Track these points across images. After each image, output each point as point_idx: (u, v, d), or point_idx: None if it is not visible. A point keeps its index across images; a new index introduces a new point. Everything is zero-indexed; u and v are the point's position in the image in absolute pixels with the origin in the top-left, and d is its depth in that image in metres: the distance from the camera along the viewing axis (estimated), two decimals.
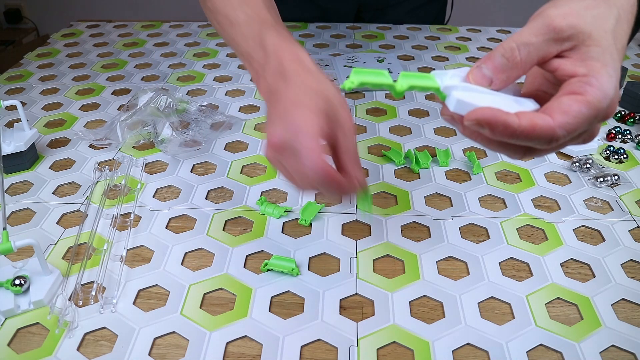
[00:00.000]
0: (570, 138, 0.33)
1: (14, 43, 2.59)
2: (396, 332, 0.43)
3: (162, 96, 0.70)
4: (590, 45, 0.32)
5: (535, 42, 0.32)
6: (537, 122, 0.31)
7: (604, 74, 0.31)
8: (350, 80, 0.33)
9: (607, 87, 0.31)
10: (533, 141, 0.31)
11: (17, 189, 0.60)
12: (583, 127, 0.31)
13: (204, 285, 0.47)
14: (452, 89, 0.33)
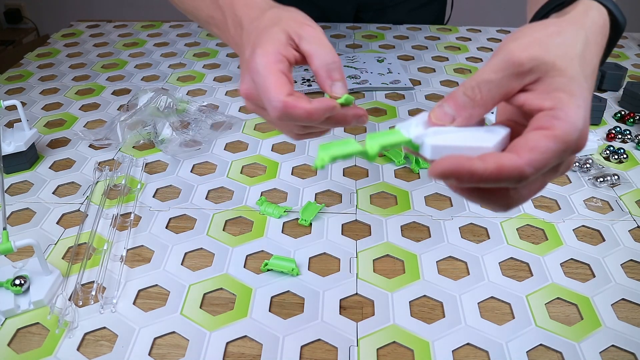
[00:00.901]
0: (543, 174, 0.32)
1: (14, 43, 2.59)
2: (396, 332, 0.43)
3: (162, 96, 0.70)
4: (555, 76, 0.30)
5: (495, 79, 0.31)
6: (504, 162, 0.29)
7: (571, 106, 0.30)
8: (320, 159, 0.32)
9: (575, 119, 0.29)
10: (502, 182, 0.30)
11: (17, 189, 0.60)
12: (553, 162, 0.30)
13: (204, 285, 0.47)
14: (423, 137, 0.32)
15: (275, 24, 0.40)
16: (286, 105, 0.36)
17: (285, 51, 0.39)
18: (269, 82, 0.37)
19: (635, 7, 2.44)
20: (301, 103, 0.36)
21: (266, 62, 0.38)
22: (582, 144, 0.30)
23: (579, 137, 0.30)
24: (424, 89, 0.83)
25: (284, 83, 0.37)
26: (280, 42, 0.39)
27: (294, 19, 0.41)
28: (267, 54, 0.38)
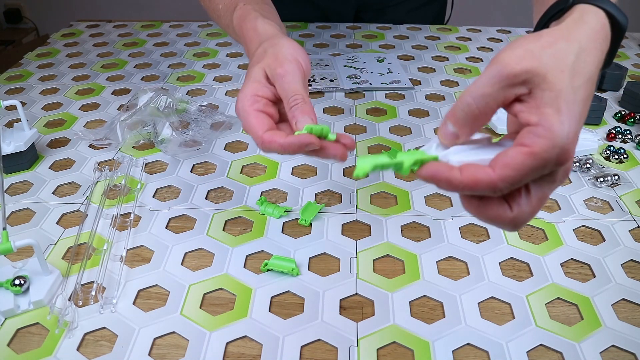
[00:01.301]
0: (541, 187, 0.33)
1: (14, 43, 2.59)
2: (396, 332, 0.43)
3: (162, 96, 0.70)
4: (545, 89, 0.31)
5: (490, 92, 0.32)
6: (478, 176, 0.31)
7: (554, 122, 0.30)
8: (360, 168, 0.35)
9: (556, 136, 0.30)
10: (477, 192, 0.32)
11: (17, 189, 0.60)
12: (528, 177, 0.31)
13: (204, 285, 0.47)
14: (448, 156, 0.34)
15: (259, 61, 0.46)
16: (263, 141, 0.41)
17: (261, 91, 0.44)
18: (249, 122, 0.42)
19: (635, 7, 2.44)
20: (276, 138, 0.41)
21: (242, 105, 0.43)
22: (563, 158, 0.31)
23: (560, 153, 0.31)
24: (424, 89, 0.83)
25: (261, 120, 0.42)
26: (258, 82, 0.44)
27: (274, 56, 0.45)
28: (244, 97, 0.43)
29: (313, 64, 0.90)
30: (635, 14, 2.46)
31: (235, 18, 0.54)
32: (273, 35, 0.48)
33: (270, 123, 0.43)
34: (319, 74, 0.86)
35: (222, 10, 0.58)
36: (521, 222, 0.33)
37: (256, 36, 0.50)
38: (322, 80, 0.84)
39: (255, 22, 0.51)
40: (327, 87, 0.82)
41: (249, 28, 0.51)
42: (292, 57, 0.44)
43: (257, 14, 0.52)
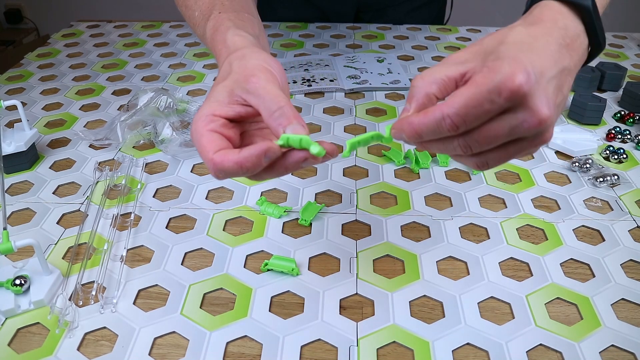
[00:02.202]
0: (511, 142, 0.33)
1: (14, 43, 2.59)
2: (396, 332, 0.43)
3: (162, 96, 0.70)
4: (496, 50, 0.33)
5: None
6: (430, 110, 0.33)
7: (497, 63, 0.32)
8: (346, 151, 0.37)
9: (498, 70, 0.31)
10: (434, 130, 0.33)
11: (17, 189, 0.60)
12: (477, 109, 0.31)
13: (204, 285, 0.47)
14: None
15: (223, 78, 0.41)
16: (214, 163, 0.36)
17: (220, 110, 0.39)
18: (201, 144, 0.37)
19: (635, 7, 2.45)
20: (228, 156, 0.35)
21: (196, 127, 0.38)
22: (516, 81, 0.31)
23: (508, 76, 0.31)
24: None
25: (212, 141, 0.37)
26: (219, 102, 0.39)
27: (241, 70, 0.40)
28: (199, 118, 0.38)
29: (313, 64, 0.90)
30: (635, 14, 2.46)
31: (209, 29, 0.49)
32: (242, 47, 0.43)
33: (223, 144, 0.37)
34: (319, 74, 0.86)
35: (197, 18, 0.53)
36: (484, 165, 0.36)
37: (225, 50, 0.45)
38: (322, 80, 0.84)
39: (226, 34, 0.46)
40: (327, 87, 0.82)
41: (219, 41, 0.46)
42: (262, 67, 0.40)
43: (230, 24, 0.47)
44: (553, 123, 0.33)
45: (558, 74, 0.33)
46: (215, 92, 0.40)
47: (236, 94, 0.39)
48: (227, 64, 0.42)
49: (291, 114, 0.37)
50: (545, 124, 0.32)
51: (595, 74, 0.81)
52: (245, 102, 0.39)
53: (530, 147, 0.34)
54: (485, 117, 0.32)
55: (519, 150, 0.34)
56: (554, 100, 0.32)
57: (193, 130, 0.38)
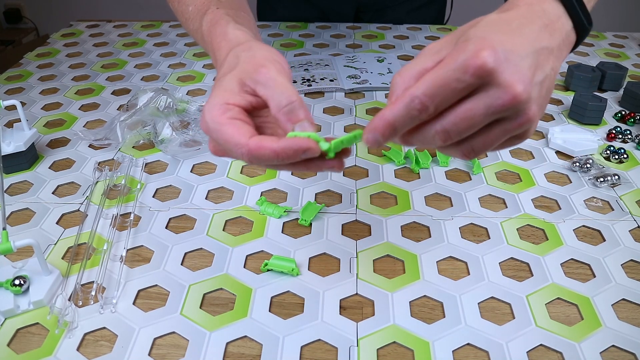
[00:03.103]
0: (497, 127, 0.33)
1: (13, 43, 2.59)
2: (396, 332, 0.43)
3: (162, 96, 0.70)
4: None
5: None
6: (401, 95, 0.33)
7: (461, 44, 0.32)
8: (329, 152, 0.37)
9: (465, 46, 0.31)
10: (405, 116, 0.32)
11: (16, 189, 0.60)
12: (445, 88, 0.31)
13: (204, 285, 0.47)
14: None
15: (230, 69, 0.40)
16: (250, 149, 0.35)
17: (234, 99, 0.38)
18: (225, 133, 0.36)
19: (635, 7, 2.45)
20: (265, 143, 0.35)
21: (212, 116, 0.37)
22: (480, 57, 0.31)
23: (473, 53, 0.31)
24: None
25: (240, 127, 0.36)
26: (230, 91, 0.39)
27: (250, 61, 0.40)
28: (212, 108, 0.38)
29: (313, 64, 0.90)
30: (635, 14, 2.46)
31: (206, 22, 0.49)
32: (245, 40, 0.43)
33: (251, 130, 0.37)
34: (319, 74, 0.86)
35: (191, 12, 0.53)
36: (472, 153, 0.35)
37: (226, 43, 0.44)
38: (322, 80, 0.84)
39: (226, 28, 0.46)
40: (327, 87, 0.82)
41: (219, 34, 0.46)
42: (271, 59, 0.40)
43: (229, 19, 0.47)
44: (531, 99, 0.32)
45: (534, 53, 0.33)
46: (225, 82, 0.39)
47: (246, 84, 0.39)
48: (233, 56, 0.41)
49: (301, 111, 0.37)
50: (521, 100, 0.31)
51: (596, 73, 0.81)
52: (254, 93, 0.39)
53: (513, 127, 0.33)
54: (454, 96, 0.32)
55: (503, 132, 0.33)
56: (529, 77, 0.32)
57: (208, 119, 0.37)
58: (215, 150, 0.40)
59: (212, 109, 0.37)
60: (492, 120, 0.33)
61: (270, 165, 0.37)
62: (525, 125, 0.33)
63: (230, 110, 0.37)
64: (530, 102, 0.32)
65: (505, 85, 0.31)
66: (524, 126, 0.33)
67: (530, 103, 0.32)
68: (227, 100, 0.38)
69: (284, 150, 0.35)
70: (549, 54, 0.34)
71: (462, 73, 0.31)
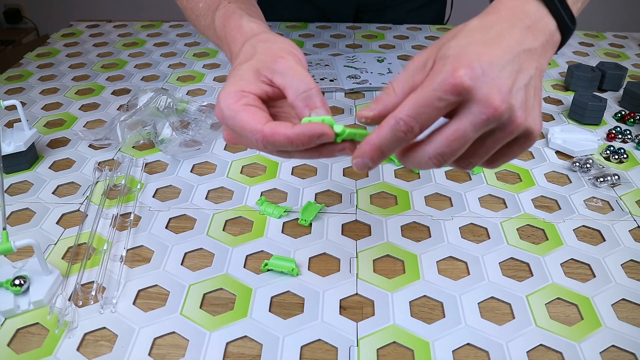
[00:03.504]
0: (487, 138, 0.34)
1: (13, 43, 2.59)
2: (396, 332, 0.43)
3: (162, 96, 0.70)
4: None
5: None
6: (389, 109, 0.34)
7: (441, 62, 0.32)
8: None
9: (443, 66, 0.32)
10: (392, 138, 0.33)
11: (17, 189, 0.60)
12: (427, 108, 0.32)
13: (204, 285, 0.47)
14: None
15: (247, 59, 0.40)
16: (264, 135, 0.36)
17: (249, 87, 0.38)
18: (241, 119, 0.37)
19: (635, 7, 2.45)
20: (279, 129, 0.35)
21: (227, 104, 0.37)
22: (456, 76, 0.31)
23: (450, 73, 0.32)
24: None
25: (255, 113, 0.37)
26: (246, 80, 0.39)
27: (267, 52, 0.40)
28: (227, 95, 0.38)
29: (313, 64, 0.90)
30: (635, 14, 2.46)
31: (218, 17, 0.50)
32: (261, 32, 0.44)
33: (266, 116, 0.37)
34: (319, 74, 0.86)
35: (202, 9, 0.54)
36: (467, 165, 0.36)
37: (240, 35, 0.45)
38: (322, 80, 0.84)
39: (241, 21, 0.46)
40: (327, 87, 0.82)
41: (233, 27, 0.46)
42: (289, 50, 0.40)
43: (242, 13, 0.48)
44: (513, 107, 0.33)
45: (515, 58, 0.33)
46: (240, 72, 0.39)
47: (262, 74, 0.39)
48: (249, 46, 0.42)
49: (318, 98, 0.38)
50: (501, 111, 0.32)
51: (596, 73, 0.81)
52: (270, 83, 0.39)
53: (505, 136, 0.34)
54: (438, 114, 0.33)
55: (495, 142, 0.34)
56: (509, 86, 0.32)
57: (223, 106, 0.37)
58: (229, 137, 0.40)
59: (227, 97, 0.38)
60: (482, 134, 0.33)
61: (283, 152, 0.38)
62: (516, 131, 0.34)
63: (246, 97, 0.38)
64: (513, 110, 0.33)
65: (484, 100, 0.32)
66: (514, 132, 0.34)
67: (513, 111, 0.33)
68: (243, 88, 0.38)
69: (298, 136, 0.35)
70: (532, 54, 0.35)
71: (442, 92, 0.32)
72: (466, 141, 0.33)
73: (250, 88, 0.38)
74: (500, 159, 0.37)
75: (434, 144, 0.34)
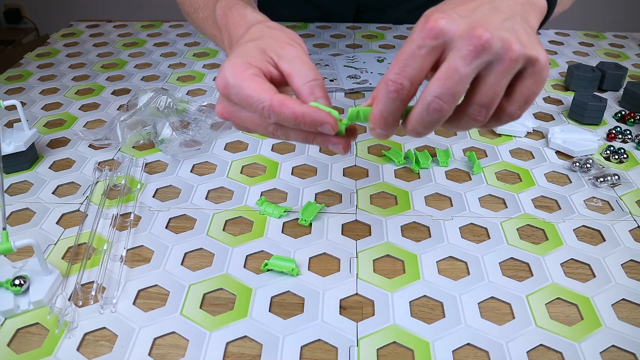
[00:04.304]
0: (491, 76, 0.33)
1: (13, 43, 2.59)
2: (396, 332, 0.43)
3: (162, 96, 0.70)
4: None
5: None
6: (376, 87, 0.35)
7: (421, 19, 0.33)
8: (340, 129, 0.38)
9: (420, 20, 0.33)
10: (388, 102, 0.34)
11: (16, 189, 0.60)
12: (413, 61, 0.33)
13: (204, 285, 0.47)
14: None
15: (253, 39, 0.40)
16: (272, 104, 0.35)
17: (255, 62, 0.38)
18: (248, 88, 0.36)
19: (635, 7, 2.45)
20: (289, 102, 0.35)
21: (233, 73, 0.37)
22: (430, 20, 0.32)
23: (425, 21, 0.32)
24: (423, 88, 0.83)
25: (263, 83, 0.36)
26: (252, 56, 0.39)
27: (275, 37, 0.40)
28: (233, 65, 0.37)
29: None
30: (635, 14, 2.46)
31: (220, 7, 0.50)
32: (265, 20, 0.44)
33: (274, 88, 0.36)
34: None
35: (202, 1, 0.54)
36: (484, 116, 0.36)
37: (244, 22, 0.44)
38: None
39: (245, 10, 0.46)
40: (327, 87, 0.82)
41: (236, 15, 0.46)
42: (296, 41, 0.41)
43: (245, 4, 0.48)
44: (501, 35, 0.32)
45: (490, 7, 0.34)
46: (246, 48, 0.39)
47: (268, 55, 0.39)
48: (256, 29, 0.42)
49: (323, 90, 0.38)
50: (487, 39, 0.31)
51: (596, 73, 0.81)
52: (276, 66, 0.39)
53: (505, 67, 0.33)
54: (424, 64, 0.33)
55: (499, 76, 0.33)
56: (492, 21, 0.32)
57: (229, 75, 0.37)
58: (223, 111, 0.40)
59: (233, 66, 0.37)
60: (481, 71, 0.33)
61: (280, 128, 0.38)
62: (517, 60, 0.32)
63: (252, 69, 0.37)
64: (504, 38, 0.32)
65: (467, 33, 0.32)
66: (516, 61, 0.32)
67: (505, 39, 0.32)
68: (249, 61, 0.38)
69: (303, 115, 0.35)
70: (511, 7, 0.34)
71: (420, 40, 0.32)
72: (460, 78, 0.32)
73: (257, 63, 0.38)
74: (518, 99, 0.35)
75: (430, 89, 0.33)
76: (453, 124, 0.36)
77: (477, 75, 0.33)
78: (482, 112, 0.35)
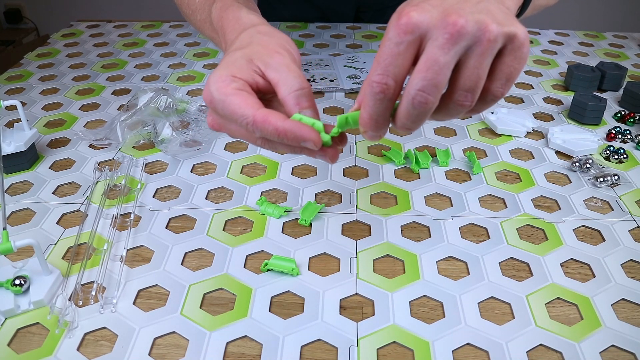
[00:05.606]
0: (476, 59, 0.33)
1: (14, 43, 2.60)
2: (396, 332, 0.43)
3: (162, 96, 0.70)
4: None
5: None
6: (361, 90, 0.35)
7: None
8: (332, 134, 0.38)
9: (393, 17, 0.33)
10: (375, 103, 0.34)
11: (17, 189, 0.60)
12: (386, 54, 0.33)
13: (204, 285, 0.47)
14: None
15: (241, 47, 0.40)
16: (255, 120, 0.36)
17: (241, 74, 0.38)
18: (231, 103, 0.37)
19: (635, 7, 2.45)
20: (271, 118, 0.36)
21: (217, 87, 0.37)
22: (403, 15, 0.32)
23: (397, 16, 0.32)
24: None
25: (247, 98, 0.37)
26: (238, 66, 0.39)
27: (264, 44, 0.40)
28: (218, 79, 0.38)
29: (313, 64, 0.90)
30: (635, 14, 2.46)
31: (216, 9, 0.50)
32: (259, 23, 0.44)
33: (258, 102, 0.37)
34: (318, 74, 0.86)
35: (199, 3, 0.54)
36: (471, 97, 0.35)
37: (239, 25, 0.45)
38: (322, 80, 0.84)
39: (239, 12, 0.47)
40: (327, 87, 0.82)
41: (231, 18, 0.46)
42: (285, 47, 0.40)
43: (240, 5, 0.48)
44: (479, 18, 0.32)
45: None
46: (232, 58, 0.39)
47: (255, 64, 0.39)
48: (246, 35, 0.42)
49: (310, 100, 0.38)
50: (462, 24, 0.31)
51: (596, 73, 0.81)
52: (262, 75, 0.39)
53: (485, 49, 0.32)
54: (405, 60, 0.33)
55: (480, 59, 0.33)
56: (464, 7, 0.32)
57: (213, 90, 0.37)
58: (213, 123, 0.40)
59: (217, 80, 0.38)
60: (462, 57, 0.33)
61: (267, 142, 0.38)
62: (496, 40, 0.32)
63: (236, 82, 0.38)
64: (480, 20, 0.32)
65: (441, 22, 0.32)
66: (494, 41, 0.32)
67: (481, 21, 0.32)
68: (234, 74, 0.38)
69: (285, 132, 0.36)
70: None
71: (396, 36, 0.32)
72: (440, 67, 0.32)
73: (242, 74, 0.38)
74: (500, 77, 0.34)
75: (412, 83, 0.33)
76: (442, 113, 0.36)
77: (458, 61, 0.33)
78: (469, 97, 0.35)
